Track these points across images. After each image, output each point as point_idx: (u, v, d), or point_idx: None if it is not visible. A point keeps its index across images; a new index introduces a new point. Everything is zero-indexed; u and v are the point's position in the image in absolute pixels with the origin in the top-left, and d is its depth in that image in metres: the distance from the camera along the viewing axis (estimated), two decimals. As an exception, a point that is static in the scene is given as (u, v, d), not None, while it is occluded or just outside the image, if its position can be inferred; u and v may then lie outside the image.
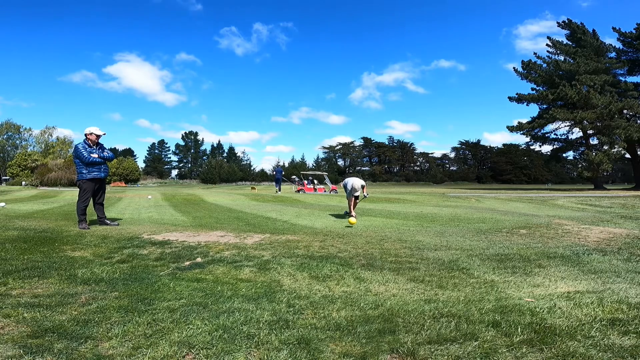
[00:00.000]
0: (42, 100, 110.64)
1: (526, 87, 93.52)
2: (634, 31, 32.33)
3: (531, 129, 34.91)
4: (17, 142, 63.25)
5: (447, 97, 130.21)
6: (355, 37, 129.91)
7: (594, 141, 34.16)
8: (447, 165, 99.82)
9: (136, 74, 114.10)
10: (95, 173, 5.74)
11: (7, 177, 50.64)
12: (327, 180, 29.49)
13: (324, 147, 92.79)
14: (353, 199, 8.27)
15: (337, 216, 8.00)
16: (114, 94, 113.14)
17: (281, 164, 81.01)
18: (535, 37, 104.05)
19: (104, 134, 5.91)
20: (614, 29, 33.78)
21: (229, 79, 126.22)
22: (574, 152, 37.60)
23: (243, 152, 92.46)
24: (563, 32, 35.76)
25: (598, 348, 1.72)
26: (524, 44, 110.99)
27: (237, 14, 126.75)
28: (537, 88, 35.32)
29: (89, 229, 5.47)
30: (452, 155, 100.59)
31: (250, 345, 1.75)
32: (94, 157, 5.67)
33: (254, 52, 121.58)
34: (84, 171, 5.68)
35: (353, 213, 8.67)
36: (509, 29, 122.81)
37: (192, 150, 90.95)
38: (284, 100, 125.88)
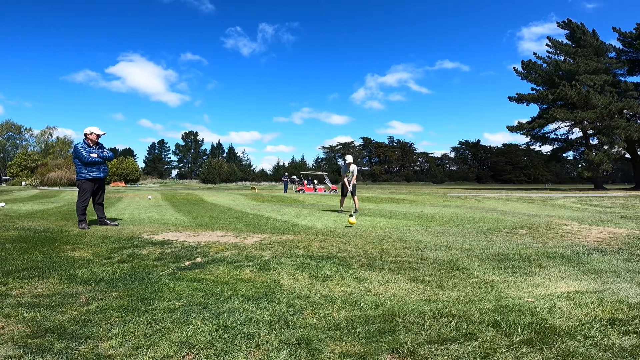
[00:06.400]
0: (45, 99, 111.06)
1: (526, 87, 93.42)
2: (634, 31, 32.31)
3: (531, 129, 34.91)
4: (18, 142, 63.29)
5: (450, 97, 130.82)
6: (360, 38, 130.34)
7: (594, 141, 34.18)
8: (447, 165, 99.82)
9: (140, 73, 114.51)
10: (95, 173, 5.73)
11: (7, 177, 50.61)
12: (327, 180, 29.53)
13: (324, 147, 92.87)
14: (345, 192, 8.58)
15: (337, 216, 8.00)
16: (117, 94, 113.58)
17: (281, 163, 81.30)
18: (539, 39, 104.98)
19: (104, 134, 5.90)
20: (614, 28, 33.81)
21: (234, 79, 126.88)
22: (574, 152, 37.66)
23: (243, 152, 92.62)
24: (563, 32, 35.79)
25: (598, 348, 1.72)
26: (528, 45, 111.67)
27: (243, 13, 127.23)
28: (537, 88, 35.34)
29: (89, 229, 5.47)
30: (452, 155, 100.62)
31: (250, 345, 1.75)
32: (93, 157, 5.66)
33: (260, 52, 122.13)
34: (83, 171, 5.67)
35: (342, 208, 8.89)
36: (513, 30, 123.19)
37: (192, 150, 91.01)
38: (286, 100, 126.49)
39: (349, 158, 8.89)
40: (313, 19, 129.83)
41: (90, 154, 5.66)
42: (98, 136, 5.84)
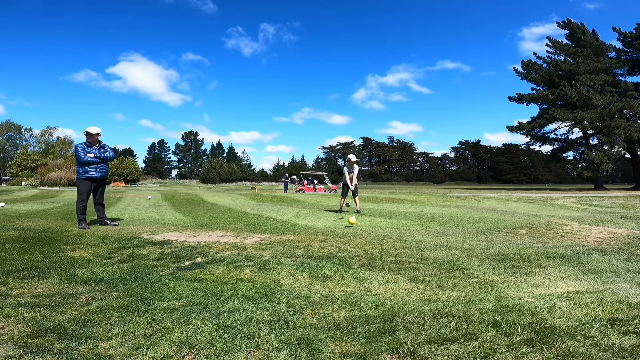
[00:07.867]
0: (45, 99, 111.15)
1: (527, 87, 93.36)
2: (634, 31, 32.30)
3: (531, 129, 34.91)
4: (18, 142, 63.35)
5: (450, 97, 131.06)
6: (361, 38, 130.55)
7: (594, 141, 34.17)
8: (447, 165, 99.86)
9: (141, 73, 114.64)
10: (91, 173, 5.77)
11: (7, 177, 50.61)
12: (327, 180, 29.56)
13: (324, 147, 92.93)
14: (345, 193, 8.65)
15: (337, 216, 8.00)
16: (117, 94, 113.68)
17: (281, 163, 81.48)
18: (540, 39, 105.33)
19: (97, 133, 5.81)
20: (614, 28, 33.79)
21: (235, 79, 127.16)
22: (574, 152, 37.64)
23: (243, 152, 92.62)
24: (563, 32, 35.78)
25: (598, 348, 1.72)
26: (528, 46, 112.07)
27: (245, 13, 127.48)
28: (537, 88, 35.33)
29: (89, 229, 5.48)
30: (452, 155, 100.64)
31: (250, 345, 1.75)
32: (89, 157, 5.71)
33: (262, 52, 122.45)
34: (80, 170, 5.77)
35: (343, 207, 8.94)
36: (514, 30, 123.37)
37: (192, 150, 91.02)
38: (286, 100, 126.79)
39: (353, 157, 8.90)
40: (314, 18, 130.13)
41: (87, 154, 5.71)
42: (91, 135, 5.81)
